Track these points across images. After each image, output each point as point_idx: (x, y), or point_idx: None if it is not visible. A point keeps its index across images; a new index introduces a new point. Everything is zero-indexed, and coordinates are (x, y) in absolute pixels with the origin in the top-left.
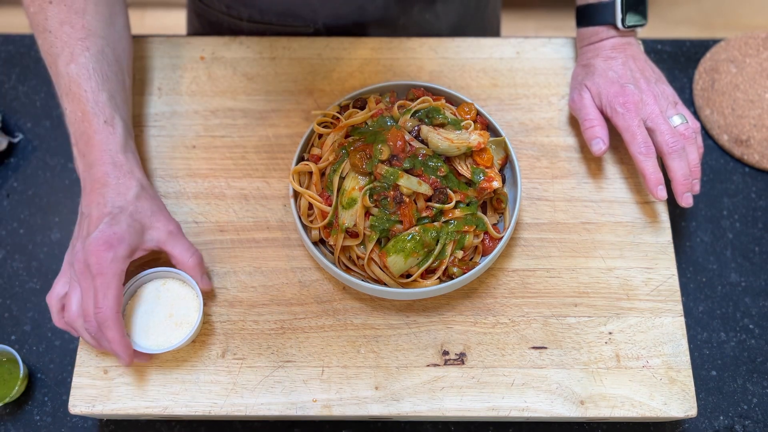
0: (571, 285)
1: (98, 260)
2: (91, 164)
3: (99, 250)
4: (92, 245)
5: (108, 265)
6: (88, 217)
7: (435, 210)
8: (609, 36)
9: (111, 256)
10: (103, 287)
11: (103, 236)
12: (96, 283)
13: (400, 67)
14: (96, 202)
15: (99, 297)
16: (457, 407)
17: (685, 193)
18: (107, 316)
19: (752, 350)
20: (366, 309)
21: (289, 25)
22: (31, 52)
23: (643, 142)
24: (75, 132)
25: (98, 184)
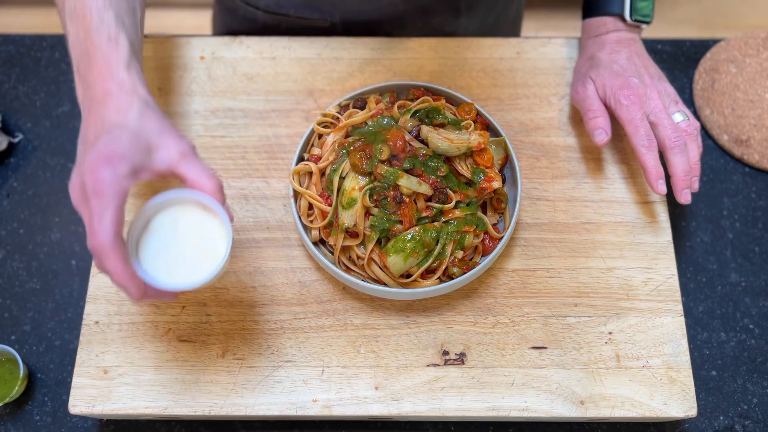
0: (571, 285)
1: (94, 179)
2: (90, 85)
3: (95, 168)
4: (87, 164)
5: (105, 183)
6: (85, 142)
7: (435, 210)
8: (615, 29)
9: (109, 174)
10: (98, 209)
11: (99, 153)
12: (92, 205)
13: (400, 67)
14: (93, 123)
15: (94, 222)
16: (457, 407)
17: (684, 189)
18: (102, 243)
19: (752, 350)
20: (366, 309)
21: (306, 17)
22: (31, 52)
23: (645, 135)
24: (76, 54)
25: (96, 104)
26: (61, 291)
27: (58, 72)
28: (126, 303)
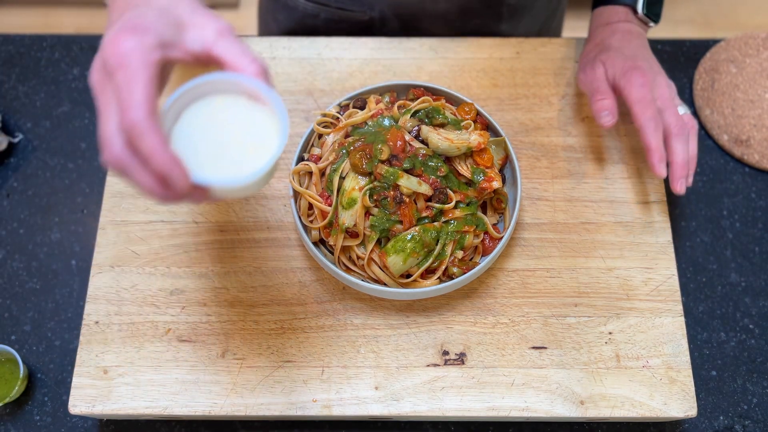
0: (571, 285)
1: (116, 50)
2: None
3: (117, 39)
4: (109, 38)
5: (130, 52)
6: (109, 26)
7: (435, 210)
8: (626, 20)
9: (132, 43)
10: (126, 82)
11: (121, 26)
12: (117, 80)
13: (400, 67)
14: (118, 7)
15: (123, 95)
16: (457, 407)
17: (681, 179)
18: (135, 118)
19: (752, 350)
20: (366, 309)
21: (346, 9)
22: (31, 52)
23: (653, 115)
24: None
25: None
26: (61, 291)
27: (58, 72)
28: (126, 303)
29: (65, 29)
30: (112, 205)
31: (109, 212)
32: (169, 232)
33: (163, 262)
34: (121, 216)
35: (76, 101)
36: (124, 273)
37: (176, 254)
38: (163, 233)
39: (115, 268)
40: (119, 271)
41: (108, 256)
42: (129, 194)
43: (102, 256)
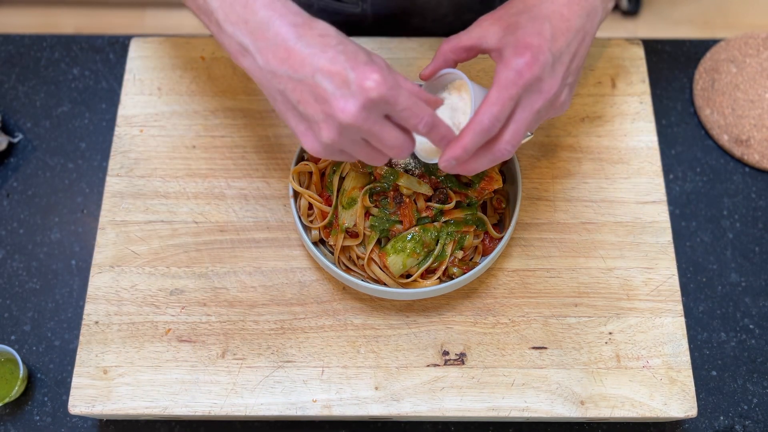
0: (571, 285)
1: (379, 84)
2: (263, 25)
3: (368, 73)
4: (360, 74)
5: (394, 82)
6: (313, 75)
7: (435, 210)
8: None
9: (387, 75)
10: (409, 101)
11: (354, 57)
12: (400, 103)
13: (400, 67)
14: (299, 59)
15: (415, 110)
16: (457, 407)
17: (451, 161)
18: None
19: (752, 350)
20: (366, 309)
21: (338, 0)
22: (30, 52)
23: (494, 116)
24: (222, 5)
25: (290, 40)
26: (61, 291)
27: (58, 72)
28: (126, 303)
29: (65, 29)
30: (112, 205)
31: (109, 212)
32: (169, 232)
33: (163, 262)
34: (121, 216)
35: (76, 101)
36: (124, 273)
37: (176, 254)
38: (163, 233)
39: (115, 268)
40: (119, 271)
41: (108, 256)
42: (129, 194)
43: (102, 256)
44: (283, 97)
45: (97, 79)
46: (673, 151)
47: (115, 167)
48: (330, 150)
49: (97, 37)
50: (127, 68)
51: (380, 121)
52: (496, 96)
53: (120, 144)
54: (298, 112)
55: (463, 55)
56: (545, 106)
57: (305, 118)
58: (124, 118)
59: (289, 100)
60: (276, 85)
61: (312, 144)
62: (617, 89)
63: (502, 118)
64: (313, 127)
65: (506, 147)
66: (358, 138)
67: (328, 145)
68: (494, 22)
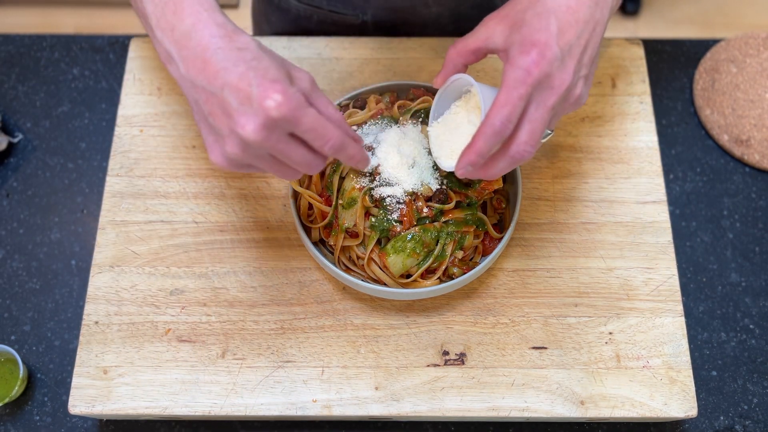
0: (571, 285)
1: (279, 104)
2: (186, 34)
3: (270, 92)
4: (262, 92)
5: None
6: (222, 89)
7: (435, 210)
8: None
9: (292, 94)
10: (315, 122)
11: (263, 74)
12: (303, 124)
13: (400, 67)
14: (213, 71)
15: (321, 130)
16: (457, 407)
17: (467, 167)
18: (340, 139)
19: (752, 350)
20: (366, 309)
21: (338, 12)
22: (30, 52)
23: (506, 117)
24: (155, 10)
25: (208, 51)
26: (60, 291)
27: (58, 72)
28: (126, 303)
29: (65, 29)
30: (111, 205)
31: (108, 212)
32: (169, 232)
33: (163, 262)
34: (121, 216)
35: (76, 101)
36: (124, 273)
37: (176, 254)
38: (163, 233)
39: (115, 268)
40: (119, 271)
41: (108, 256)
42: (129, 194)
43: (102, 256)
44: (198, 107)
45: (97, 79)
46: (673, 151)
47: (115, 167)
48: (235, 164)
49: (97, 37)
50: (127, 68)
51: (284, 139)
52: (505, 97)
53: (120, 144)
54: (208, 123)
55: (471, 58)
56: (559, 101)
57: (214, 130)
58: (124, 118)
59: (202, 111)
60: (193, 94)
61: (217, 156)
62: (617, 89)
63: (513, 119)
64: (219, 141)
65: (525, 148)
66: (264, 153)
67: (232, 159)
68: (499, 21)
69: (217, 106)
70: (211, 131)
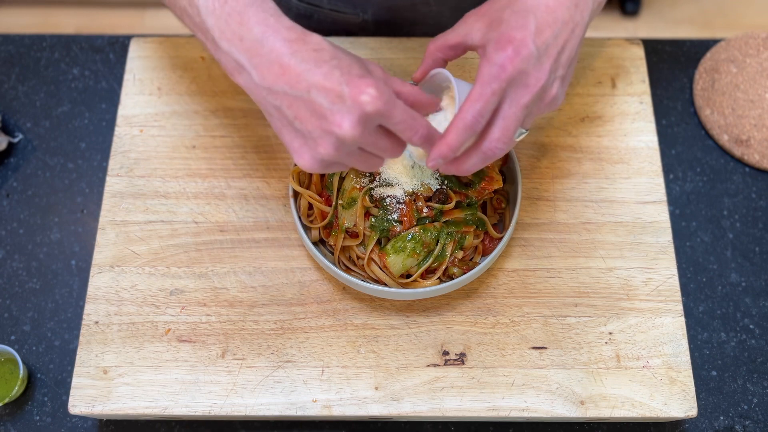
0: (571, 285)
1: (374, 99)
2: (258, 42)
3: (363, 87)
4: (354, 89)
5: (387, 92)
6: (308, 91)
7: (435, 210)
8: None
9: (383, 87)
10: (405, 114)
11: (348, 71)
12: (395, 116)
13: (400, 67)
14: (294, 75)
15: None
16: (457, 407)
17: (438, 160)
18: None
19: (752, 350)
20: (366, 309)
21: (339, 11)
22: (30, 52)
23: (478, 112)
24: (217, 22)
25: (284, 56)
26: (60, 291)
27: (58, 72)
28: (126, 303)
29: (65, 29)
30: (111, 205)
31: (108, 212)
32: (169, 232)
33: (163, 262)
34: (121, 216)
35: (76, 101)
36: (124, 273)
37: (176, 254)
38: (163, 233)
39: (115, 268)
40: (119, 271)
41: (108, 256)
42: (129, 194)
43: (102, 256)
44: (280, 113)
45: (97, 79)
46: (673, 151)
47: (115, 167)
48: (325, 164)
49: (97, 37)
50: (127, 68)
51: (375, 131)
52: (478, 92)
53: (120, 144)
54: (294, 128)
55: (450, 53)
56: (533, 100)
57: (301, 134)
58: (124, 118)
59: (285, 116)
60: (272, 101)
61: (307, 160)
62: (617, 89)
63: (485, 114)
64: (310, 143)
65: (497, 145)
66: (355, 149)
67: (324, 160)
68: (478, 18)
69: (305, 108)
70: (297, 135)
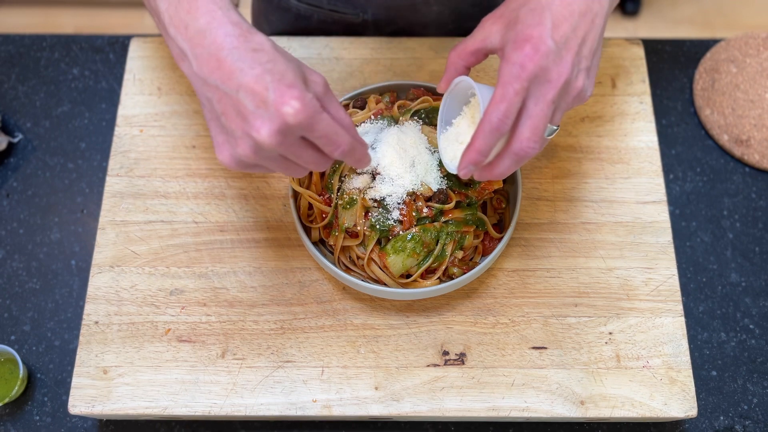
0: (571, 285)
1: (297, 111)
2: (201, 32)
3: (287, 98)
4: (279, 98)
5: (314, 105)
6: (237, 90)
7: (435, 210)
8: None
9: (308, 101)
10: (328, 128)
11: (279, 78)
12: (317, 130)
13: (400, 67)
14: (228, 71)
15: (333, 136)
16: (457, 407)
17: (470, 167)
18: (350, 144)
19: (752, 350)
20: (366, 309)
21: (339, 11)
22: (30, 52)
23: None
24: (168, 8)
25: (223, 50)
26: (60, 291)
27: (58, 72)
28: (126, 303)
29: (65, 29)
30: (111, 205)
31: (108, 212)
32: (169, 232)
33: (162, 262)
34: (121, 216)
35: (76, 101)
36: (124, 273)
37: (176, 254)
38: (163, 233)
39: (115, 268)
40: (119, 271)
41: (108, 256)
42: (129, 194)
43: (102, 256)
44: (210, 106)
45: (97, 79)
46: (673, 151)
47: (115, 167)
48: (243, 164)
49: (97, 37)
50: (127, 68)
51: (296, 142)
52: (501, 93)
53: (120, 144)
54: (220, 123)
55: (472, 60)
56: (559, 94)
57: (225, 130)
58: (124, 118)
59: (214, 110)
60: (206, 92)
61: (225, 157)
62: (617, 89)
63: (510, 114)
64: (231, 141)
65: (528, 144)
66: (275, 155)
67: (241, 160)
68: (495, 21)
69: (231, 106)
70: (222, 131)
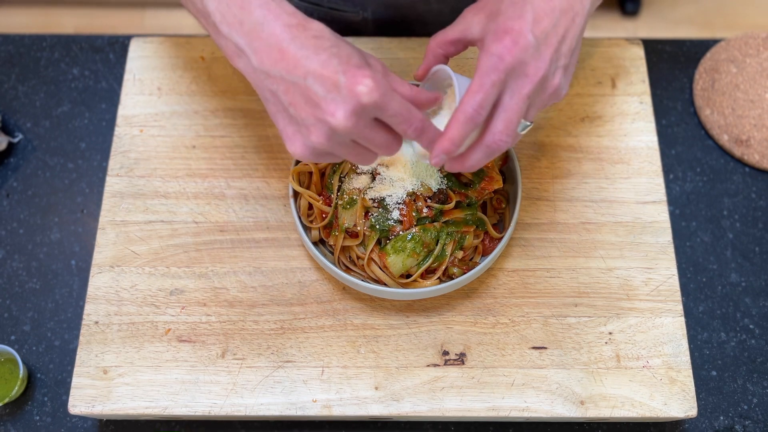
0: (571, 285)
1: (371, 90)
2: (258, 26)
3: (360, 78)
4: (351, 79)
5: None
6: (305, 77)
7: (435, 210)
8: None
9: (380, 79)
10: (401, 106)
11: (347, 60)
12: (390, 109)
13: (400, 67)
14: (293, 60)
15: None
16: (457, 407)
17: (441, 156)
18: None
19: (752, 350)
20: (366, 309)
21: (339, 9)
22: (30, 52)
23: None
24: (219, 6)
25: (284, 41)
26: (60, 291)
27: (58, 72)
28: (126, 303)
29: (65, 29)
30: (111, 205)
31: (108, 212)
32: (169, 232)
33: (162, 262)
34: (121, 216)
35: (76, 101)
36: (124, 273)
37: (176, 254)
38: (163, 233)
39: (115, 268)
40: (119, 271)
41: (108, 256)
42: (129, 194)
43: (102, 256)
44: (275, 98)
45: (97, 79)
46: (673, 151)
47: (115, 167)
48: (317, 153)
49: (97, 37)
50: (127, 68)
51: (370, 124)
52: (478, 83)
53: (120, 144)
54: (288, 114)
55: (451, 49)
56: (535, 90)
57: (295, 120)
58: (124, 118)
59: (280, 102)
60: (269, 85)
61: (298, 147)
62: (617, 89)
63: (486, 105)
64: (302, 131)
65: (501, 137)
66: (348, 140)
67: (315, 148)
68: (477, 12)
69: (300, 95)
70: (291, 122)
